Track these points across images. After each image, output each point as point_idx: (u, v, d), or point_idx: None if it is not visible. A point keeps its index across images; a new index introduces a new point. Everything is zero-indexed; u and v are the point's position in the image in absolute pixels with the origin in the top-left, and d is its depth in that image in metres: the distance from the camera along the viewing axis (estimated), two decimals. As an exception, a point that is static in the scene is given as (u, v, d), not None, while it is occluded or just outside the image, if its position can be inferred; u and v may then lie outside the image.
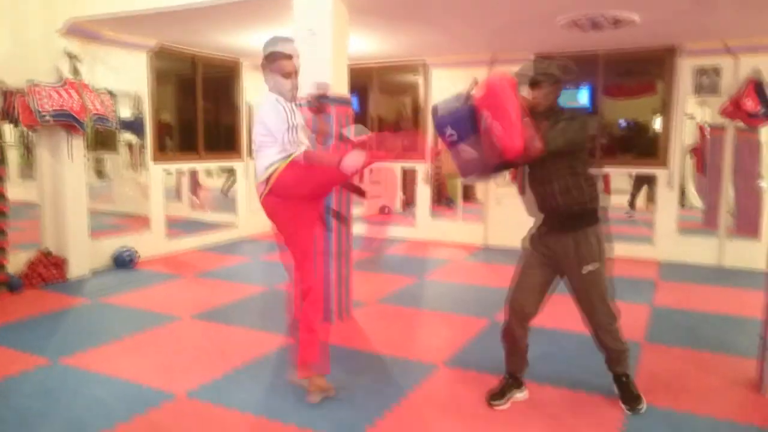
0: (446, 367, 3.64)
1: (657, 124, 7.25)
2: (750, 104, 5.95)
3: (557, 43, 6.47)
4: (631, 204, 9.82)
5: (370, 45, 6.85)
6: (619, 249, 6.04)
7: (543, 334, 4.21)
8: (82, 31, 5.64)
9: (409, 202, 9.78)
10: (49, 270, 5.48)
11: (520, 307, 3.02)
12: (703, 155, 7.80)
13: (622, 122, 9.57)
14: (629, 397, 3.02)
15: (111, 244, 6.26)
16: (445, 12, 5.25)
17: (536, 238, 3.03)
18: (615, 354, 3.03)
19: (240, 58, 7.87)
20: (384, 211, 10.33)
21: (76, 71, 5.54)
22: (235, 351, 3.85)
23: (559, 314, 4.68)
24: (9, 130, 5.49)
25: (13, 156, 6.61)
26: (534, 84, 2.85)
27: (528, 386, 3.30)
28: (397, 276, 6.04)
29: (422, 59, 7.82)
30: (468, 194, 9.55)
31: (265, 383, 3.36)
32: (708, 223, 7.20)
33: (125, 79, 6.42)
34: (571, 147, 2.78)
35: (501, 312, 4.74)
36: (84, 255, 5.83)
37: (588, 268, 2.87)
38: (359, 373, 3.50)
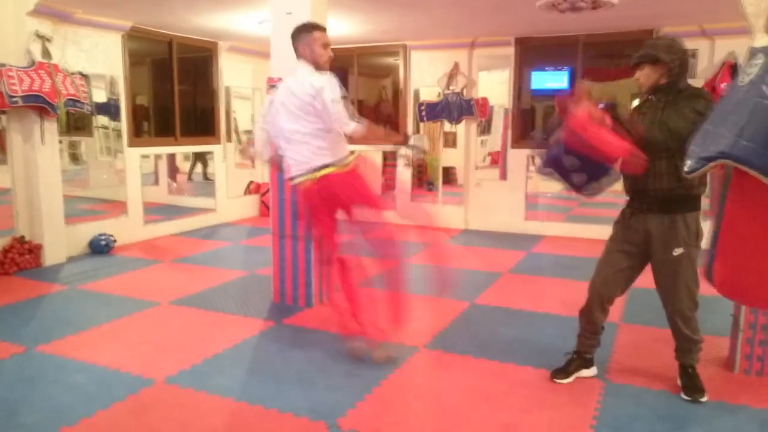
0: (427, 349, 3.66)
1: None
2: (725, 87, 6.02)
3: (537, 26, 6.47)
4: None
5: (350, 28, 6.79)
6: (598, 231, 6.15)
7: (523, 316, 4.27)
8: (53, 12, 5.48)
9: (389, 186, 9.76)
10: (23, 256, 5.38)
11: (601, 289, 3.01)
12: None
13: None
14: (692, 387, 2.96)
15: (87, 230, 6.17)
16: (424, -6, 5.22)
17: (627, 218, 2.96)
18: (687, 344, 2.97)
19: (217, 41, 7.73)
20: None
21: (47, 53, 5.40)
22: (215, 336, 3.83)
23: (538, 297, 4.75)
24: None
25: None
26: (636, 65, 2.85)
27: (508, 367, 3.35)
28: (378, 259, 6.03)
29: (402, 42, 7.78)
30: (448, 178, 9.57)
31: (245, 368, 3.35)
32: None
33: (99, 61, 6.28)
34: (691, 127, 2.62)
35: (481, 294, 4.82)
36: (59, 241, 5.73)
37: (679, 251, 2.81)
38: (339, 356, 3.51)
